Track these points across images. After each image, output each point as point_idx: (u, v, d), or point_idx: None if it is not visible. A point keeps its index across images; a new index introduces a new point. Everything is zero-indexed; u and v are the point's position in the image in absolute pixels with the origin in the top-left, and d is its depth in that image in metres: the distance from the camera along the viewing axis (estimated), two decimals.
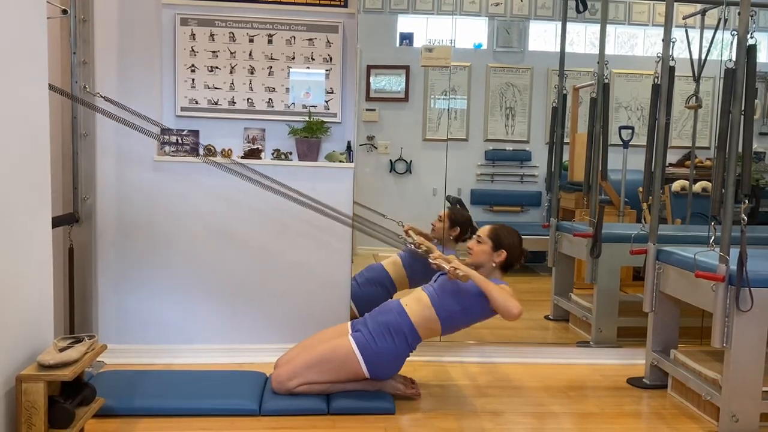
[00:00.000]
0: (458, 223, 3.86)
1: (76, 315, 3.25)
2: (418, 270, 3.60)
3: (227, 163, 3.28)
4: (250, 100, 3.50)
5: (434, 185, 6.07)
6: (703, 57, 4.57)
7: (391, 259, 3.85)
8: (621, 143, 5.02)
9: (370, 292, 3.70)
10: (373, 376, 2.77)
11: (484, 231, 2.95)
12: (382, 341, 2.75)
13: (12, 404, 2.12)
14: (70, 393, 2.26)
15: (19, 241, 2.17)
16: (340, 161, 3.43)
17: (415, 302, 2.85)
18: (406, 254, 3.66)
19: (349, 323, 2.94)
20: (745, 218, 2.57)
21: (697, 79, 4.37)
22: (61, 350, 2.21)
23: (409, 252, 3.46)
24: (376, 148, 6.38)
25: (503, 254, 2.89)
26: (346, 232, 3.42)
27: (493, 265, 2.91)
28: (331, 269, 3.42)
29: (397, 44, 6.49)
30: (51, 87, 2.45)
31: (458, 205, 5.73)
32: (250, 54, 3.48)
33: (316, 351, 2.76)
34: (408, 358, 2.86)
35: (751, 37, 2.56)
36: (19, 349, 2.17)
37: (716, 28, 4.24)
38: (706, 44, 4.56)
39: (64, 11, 3.07)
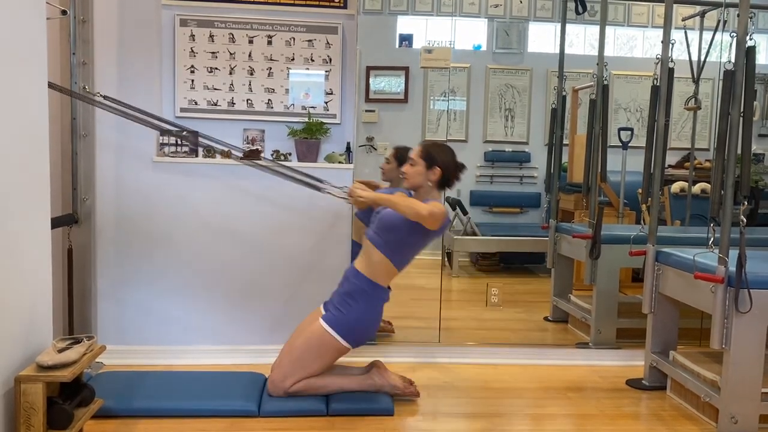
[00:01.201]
0: (403, 160, 3.71)
1: (75, 316, 3.24)
2: (366, 217, 3.43)
3: (230, 163, 3.28)
4: (249, 101, 3.50)
5: None
6: (702, 58, 4.58)
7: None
8: (620, 144, 5.02)
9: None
10: (354, 344, 2.77)
11: (415, 152, 2.87)
12: (348, 309, 2.75)
13: (11, 405, 2.12)
14: (69, 394, 2.26)
15: (18, 242, 2.17)
16: (340, 162, 3.43)
17: (364, 255, 2.83)
18: (359, 212, 3.58)
19: (321, 306, 2.91)
20: (744, 220, 2.57)
21: (696, 81, 4.37)
22: (60, 351, 2.20)
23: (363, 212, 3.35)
24: (375, 149, 6.38)
25: (437, 171, 2.80)
26: (347, 233, 3.42)
27: (429, 184, 2.81)
28: (331, 269, 3.41)
29: (397, 45, 6.50)
30: (50, 85, 2.44)
31: (458, 207, 5.74)
32: (249, 55, 3.48)
33: (296, 345, 2.77)
34: (407, 359, 2.86)
35: (750, 39, 2.57)
36: (18, 350, 2.17)
37: (715, 30, 4.24)
38: (705, 46, 4.57)
39: (64, 12, 3.07)
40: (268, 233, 3.39)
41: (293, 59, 3.50)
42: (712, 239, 2.75)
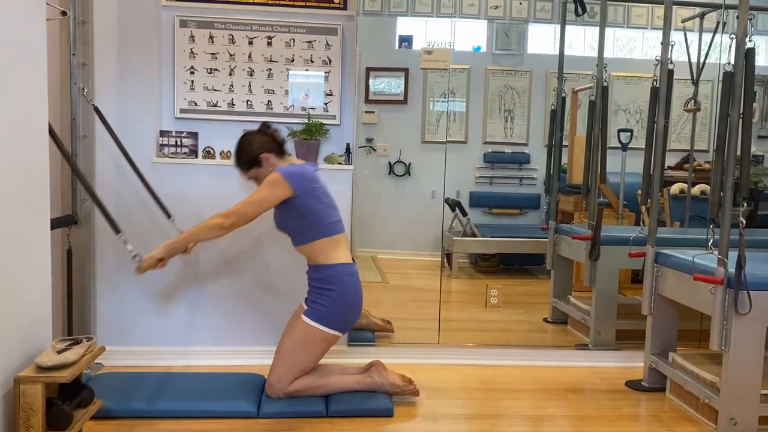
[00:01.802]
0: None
1: (74, 317, 3.24)
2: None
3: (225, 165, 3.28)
4: (249, 102, 3.51)
5: (433, 187, 6.08)
6: (701, 60, 4.58)
7: None
8: (620, 146, 5.02)
9: None
10: (342, 330, 2.76)
11: (242, 172, 2.83)
12: (323, 299, 2.72)
13: (10, 406, 2.12)
14: (68, 395, 2.26)
15: (18, 243, 2.17)
16: (339, 163, 3.43)
17: (304, 255, 2.83)
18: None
19: (303, 301, 2.89)
20: (744, 221, 2.57)
21: (695, 83, 4.38)
22: (59, 352, 2.20)
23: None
24: (375, 150, 6.38)
25: (261, 160, 2.74)
26: (347, 234, 3.41)
27: (269, 170, 2.72)
28: None
29: (396, 47, 6.50)
30: (51, 133, 2.44)
31: (457, 208, 5.74)
32: (249, 56, 3.48)
33: (284, 345, 2.77)
34: (406, 361, 2.85)
35: (750, 41, 2.57)
36: (17, 351, 2.17)
37: (715, 32, 4.25)
38: (704, 47, 4.57)
39: (64, 13, 3.07)
40: (268, 234, 3.39)
41: (293, 60, 3.50)
42: (711, 241, 2.75)
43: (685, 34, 4.40)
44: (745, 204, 2.59)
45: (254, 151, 2.75)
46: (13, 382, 2.10)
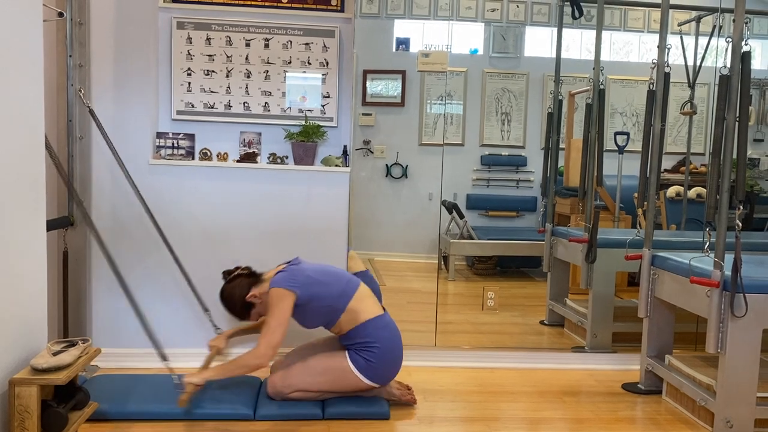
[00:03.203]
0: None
1: (70, 318, 3.23)
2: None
3: (222, 167, 3.28)
4: (246, 104, 3.50)
5: (430, 190, 6.08)
6: (698, 63, 4.60)
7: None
8: (616, 149, 5.03)
9: None
10: (380, 382, 2.77)
11: (241, 319, 2.88)
12: (368, 353, 2.72)
13: (5, 408, 2.11)
14: (64, 397, 2.25)
15: (13, 244, 2.17)
16: (336, 165, 3.43)
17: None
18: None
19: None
20: (740, 224, 2.57)
21: (692, 86, 4.39)
22: (55, 354, 2.20)
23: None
24: (372, 152, 6.38)
25: (251, 306, 2.78)
26: (343, 237, 3.41)
27: (265, 303, 2.74)
28: None
29: (394, 49, 6.50)
30: (47, 147, 2.44)
31: (454, 210, 5.75)
32: (246, 58, 3.48)
33: (313, 364, 2.75)
34: (403, 363, 2.84)
35: (746, 44, 2.58)
36: (13, 353, 2.16)
37: (711, 35, 4.26)
38: (701, 51, 4.59)
39: (60, 14, 3.06)
40: (264, 237, 3.39)
41: (290, 62, 3.50)
42: (707, 243, 2.76)
43: (681, 37, 4.42)
44: (741, 207, 2.60)
45: (239, 300, 2.79)
46: (8, 384, 2.09)
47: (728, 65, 2.60)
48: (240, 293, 2.78)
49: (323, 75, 3.52)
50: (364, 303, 2.78)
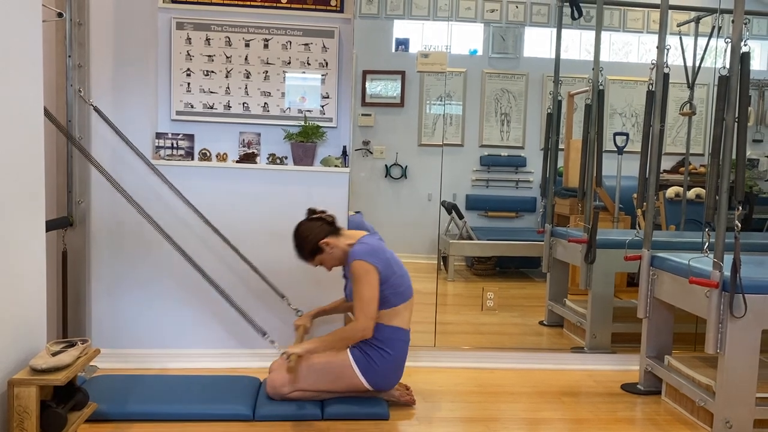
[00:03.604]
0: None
1: (69, 319, 3.23)
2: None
3: (222, 167, 3.28)
4: (245, 105, 3.50)
5: (429, 190, 6.08)
6: (697, 64, 4.60)
7: None
8: (616, 149, 5.03)
9: None
10: (377, 388, 2.77)
11: (308, 262, 2.84)
12: (376, 355, 2.74)
13: (4, 409, 2.11)
14: (63, 397, 2.25)
15: (13, 245, 2.16)
16: (336, 166, 3.43)
17: None
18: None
19: None
20: (739, 225, 2.58)
21: (691, 86, 4.40)
22: (54, 354, 2.20)
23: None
24: (371, 153, 6.38)
25: (322, 247, 2.76)
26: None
27: (333, 254, 2.77)
28: (326, 274, 3.41)
29: (393, 50, 6.50)
30: (47, 114, 2.44)
31: (454, 211, 5.75)
32: (245, 58, 3.48)
33: (313, 362, 2.75)
34: None
35: (745, 45, 2.58)
36: (12, 353, 2.16)
37: (710, 36, 4.26)
38: (700, 51, 4.59)
39: (60, 14, 3.06)
40: (263, 237, 3.38)
41: (290, 63, 3.50)
42: (706, 244, 2.76)
43: (680, 38, 4.42)
44: (741, 208, 2.60)
45: (313, 240, 2.78)
46: (7, 385, 2.09)
47: (727, 66, 2.60)
48: (316, 235, 2.77)
49: (323, 75, 3.52)
50: (406, 312, 2.84)
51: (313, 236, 2.78)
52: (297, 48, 3.49)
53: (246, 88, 3.49)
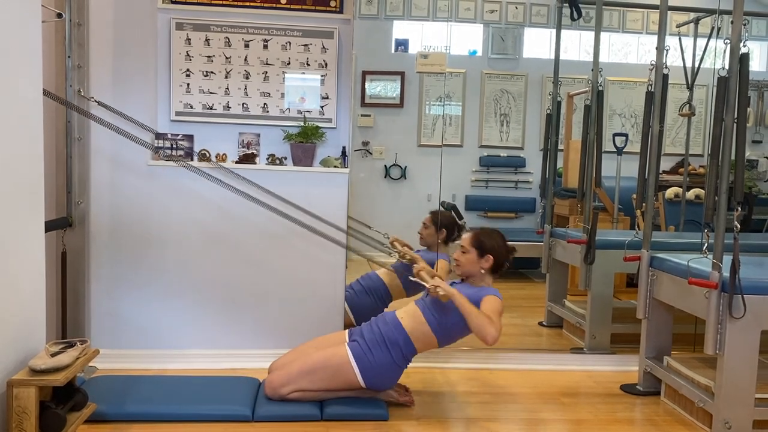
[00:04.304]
0: (443, 225, 3.89)
1: (68, 319, 3.23)
2: (404, 268, 3.59)
3: (221, 168, 3.27)
4: (245, 105, 3.50)
5: (429, 191, 6.09)
6: (696, 65, 4.61)
7: (386, 270, 3.84)
8: (615, 150, 5.04)
9: (366, 302, 3.70)
10: (369, 386, 2.76)
11: (466, 240, 2.89)
12: (378, 352, 2.73)
13: (3, 409, 2.11)
14: (62, 398, 2.25)
15: (12, 245, 2.16)
16: (335, 166, 3.43)
17: (410, 316, 2.81)
18: (400, 264, 3.65)
19: (346, 332, 2.92)
20: (738, 225, 2.58)
21: (690, 87, 4.40)
22: (53, 355, 2.19)
23: (401, 263, 3.49)
24: (371, 153, 6.39)
25: (490, 259, 2.84)
26: (340, 237, 3.41)
27: (482, 271, 2.86)
28: (324, 275, 3.42)
29: (393, 50, 6.51)
30: (46, 93, 2.44)
31: (453, 211, 5.74)
32: (245, 59, 3.48)
33: (312, 358, 2.75)
34: None
35: (744, 46, 2.58)
36: (11, 354, 2.16)
37: (709, 37, 4.27)
38: (699, 52, 4.59)
39: (59, 15, 3.06)
40: (262, 238, 3.38)
41: (289, 63, 3.50)
42: (706, 245, 2.76)
43: (680, 39, 4.42)
44: (740, 208, 2.60)
45: (493, 249, 2.84)
46: (6, 386, 2.09)
47: (726, 67, 2.61)
48: (497, 252, 2.85)
49: (322, 76, 3.52)
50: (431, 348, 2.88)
51: (497, 250, 2.85)
52: (296, 49, 3.49)
53: (245, 88, 3.49)
